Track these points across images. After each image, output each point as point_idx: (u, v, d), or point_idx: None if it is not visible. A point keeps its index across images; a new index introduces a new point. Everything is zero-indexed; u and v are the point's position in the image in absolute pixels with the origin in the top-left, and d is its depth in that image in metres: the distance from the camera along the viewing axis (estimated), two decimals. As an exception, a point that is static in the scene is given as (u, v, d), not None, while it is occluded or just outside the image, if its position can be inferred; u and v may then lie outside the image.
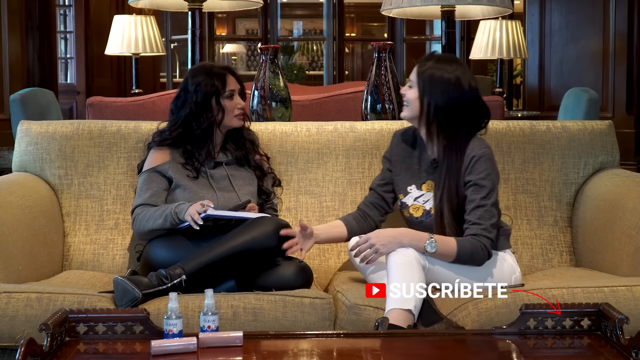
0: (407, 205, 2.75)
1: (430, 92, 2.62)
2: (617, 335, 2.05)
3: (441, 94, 2.61)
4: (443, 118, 2.62)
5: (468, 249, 2.53)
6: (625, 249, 2.70)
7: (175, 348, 2.01)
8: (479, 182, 2.58)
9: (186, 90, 2.89)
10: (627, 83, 6.95)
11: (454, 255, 2.53)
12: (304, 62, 12.04)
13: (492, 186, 2.60)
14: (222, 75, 2.89)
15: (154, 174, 2.84)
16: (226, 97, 2.88)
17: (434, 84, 2.62)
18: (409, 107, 2.68)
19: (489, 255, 2.56)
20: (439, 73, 2.62)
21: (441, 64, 2.64)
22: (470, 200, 2.58)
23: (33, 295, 2.39)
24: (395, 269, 2.44)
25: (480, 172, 2.59)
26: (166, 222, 2.69)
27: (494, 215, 2.59)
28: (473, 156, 2.61)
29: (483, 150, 2.62)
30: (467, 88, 2.62)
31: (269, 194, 2.97)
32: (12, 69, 6.11)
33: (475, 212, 2.56)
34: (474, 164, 2.60)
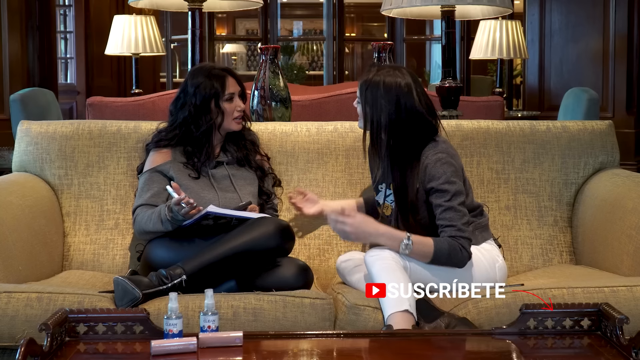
0: (379, 204, 2.77)
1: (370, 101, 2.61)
2: (617, 335, 2.05)
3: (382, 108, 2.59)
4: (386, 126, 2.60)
5: (445, 249, 2.51)
6: (625, 249, 2.70)
7: (175, 348, 2.01)
8: (440, 188, 2.56)
9: (185, 91, 2.89)
10: (627, 83, 6.95)
11: (431, 256, 2.52)
12: (304, 62, 12.05)
13: (455, 188, 2.57)
14: (221, 77, 2.88)
15: (155, 174, 2.84)
16: (225, 100, 2.87)
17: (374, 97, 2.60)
18: (360, 119, 2.69)
19: (469, 256, 2.54)
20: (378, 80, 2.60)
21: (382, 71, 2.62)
22: (436, 205, 2.57)
23: (33, 295, 2.39)
24: (379, 275, 2.44)
25: (438, 177, 2.57)
26: (167, 225, 2.68)
27: (464, 214, 2.57)
28: (427, 165, 2.59)
29: (436, 156, 2.59)
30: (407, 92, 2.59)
31: (269, 194, 2.97)
32: (12, 69, 6.11)
33: (445, 215, 2.55)
34: (429, 170, 2.58)
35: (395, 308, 2.36)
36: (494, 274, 2.63)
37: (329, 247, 3.06)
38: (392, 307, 2.37)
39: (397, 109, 2.59)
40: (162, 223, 2.68)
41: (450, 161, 2.61)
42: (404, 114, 2.59)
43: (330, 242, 3.06)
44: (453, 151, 2.67)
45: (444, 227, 2.54)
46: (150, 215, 2.72)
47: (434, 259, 2.52)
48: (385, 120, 2.60)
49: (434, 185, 2.57)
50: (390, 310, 2.36)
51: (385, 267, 2.45)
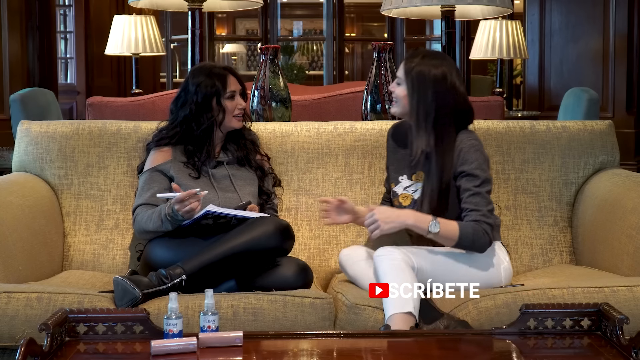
0: (397, 194, 2.78)
1: (418, 89, 2.65)
2: (617, 335, 2.05)
3: (429, 91, 2.64)
4: (431, 113, 2.64)
5: (470, 232, 2.54)
6: (625, 249, 2.70)
7: (175, 348, 2.01)
8: (471, 172, 2.61)
9: (186, 90, 2.89)
10: (627, 83, 6.95)
11: (456, 238, 2.54)
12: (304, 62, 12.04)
13: (485, 176, 2.63)
14: (223, 75, 2.88)
15: (155, 174, 2.84)
16: (227, 98, 2.88)
17: (422, 81, 2.64)
18: (398, 103, 2.71)
19: (490, 242, 2.57)
20: (426, 69, 2.65)
21: (428, 60, 2.67)
22: (464, 189, 2.60)
23: (33, 295, 2.39)
24: (387, 273, 2.44)
25: (471, 162, 2.62)
26: (167, 225, 2.69)
27: (490, 202, 2.61)
28: (462, 148, 2.64)
29: (471, 142, 2.66)
30: (453, 84, 2.66)
31: (269, 194, 2.97)
32: (12, 69, 6.11)
33: (472, 200, 2.58)
34: (464, 155, 2.63)
35: (397, 309, 2.36)
36: (498, 275, 2.64)
37: (329, 247, 3.06)
38: (395, 308, 2.36)
39: (442, 96, 2.64)
40: (162, 223, 2.68)
41: (483, 150, 2.69)
42: (448, 99, 2.65)
43: (330, 242, 3.06)
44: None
45: (469, 211, 2.57)
46: (150, 215, 2.72)
47: (459, 243, 2.55)
48: (430, 106, 2.64)
49: (465, 169, 2.61)
50: (393, 311, 2.36)
51: (393, 266, 2.45)
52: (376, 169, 3.11)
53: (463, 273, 2.58)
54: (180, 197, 2.61)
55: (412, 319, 2.35)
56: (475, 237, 2.54)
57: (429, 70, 2.65)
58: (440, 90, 2.64)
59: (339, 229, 3.07)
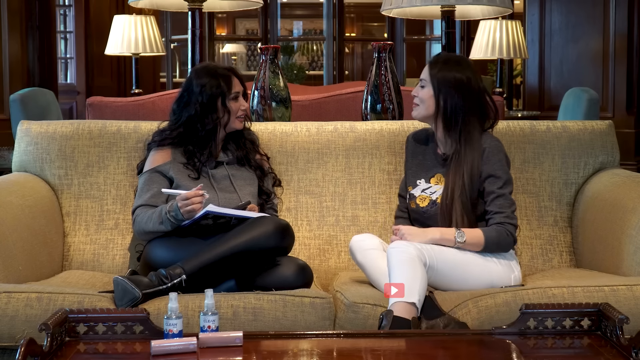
0: (414, 197, 2.82)
1: (445, 91, 2.74)
2: (617, 335, 2.05)
3: (455, 93, 2.73)
4: (457, 115, 2.73)
5: (494, 236, 2.64)
6: (625, 249, 2.70)
7: (175, 348, 2.01)
8: (494, 174, 2.70)
9: (190, 90, 2.88)
10: (627, 83, 6.95)
11: (482, 244, 2.63)
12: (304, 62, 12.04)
13: (507, 177, 2.73)
14: (227, 76, 2.89)
15: (155, 175, 2.84)
16: (231, 99, 2.88)
17: (448, 84, 2.73)
18: (421, 105, 2.78)
19: (514, 241, 2.68)
20: (452, 73, 2.74)
21: (452, 64, 2.76)
22: (488, 192, 2.70)
23: (33, 295, 2.39)
24: (398, 266, 2.45)
25: (494, 163, 2.71)
26: (166, 225, 2.69)
27: (513, 203, 2.71)
28: (485, 148, 2.73)
29: (495, 143, 2.75)
30: (477, 87, 2.76)
31: (269, 194, 2.97)
32: (12, 69, 6.11)
33: (496, 202, 2.68)
34: (487, 155, 2.72)
35: (402, 298, 2.37)
36: (508, 283, 2.66)
37: (329, 247, 3.06)
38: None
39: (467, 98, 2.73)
40: (162, 223, 2.68)
41: (504, 151, 2.78)
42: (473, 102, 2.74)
43: (331, 242, 3.06)
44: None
45: (493, 214, 2.68)
46: (150, 216, 2.72)
47: (485, 247, 2.64)
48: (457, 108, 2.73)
49: (488, 170, 2.70)
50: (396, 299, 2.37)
51: (404, 260, 2.46)
52: (376, 169, 3.11)
53: (474, 276, 2.61)
54: (185, 194, 2.61)
55: (414, 309, 2.36)
56: (501, 239, 2.64)
57: (454, 73, 2.74)
58: (465, 93, 2.73)
59: (339, 229, 3.07)
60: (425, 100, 2.77)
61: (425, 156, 2.87)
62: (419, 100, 2.79)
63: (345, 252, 3.02)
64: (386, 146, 3.13)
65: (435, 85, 2.75)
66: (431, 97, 2.75)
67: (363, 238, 2.77)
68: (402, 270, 2.44)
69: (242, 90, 2.92)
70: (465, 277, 2.60)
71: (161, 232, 2.72)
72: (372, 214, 3.07)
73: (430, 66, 2.78)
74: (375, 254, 2.69)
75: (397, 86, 3.44)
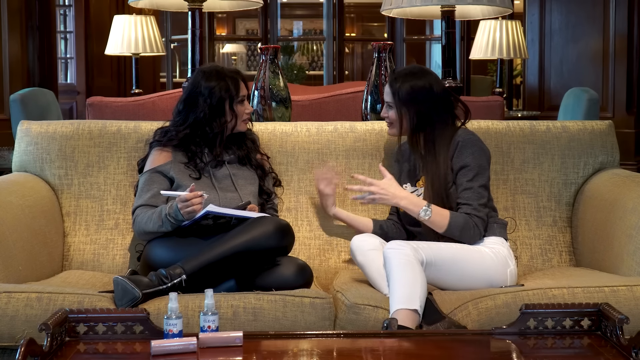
0: None
1: (410, 105, 2.80)
2: (617, 335, 2.05)
3: (420, 103, 2.79)
4: (428, 121, 2.80)
5: (460, 223, 2.67)
6: (625, 249, 2.70)
7: (175, 348, 2.01)
8: (464, 165, 2.74)
9: (198, 92, 2.87)
10: (627, 83, 6.95)
11: (445, 226, 2.67)
12: (304, 62, 12.04)
13: (478, 169, 2.74)
14: (235, 79, 2.89)
15: (155, 175, 2.84)
16: (239, 102, 2.88)
17: (410, 97, 2.80)
18: (395, 125, 2.85)
19: (480, 234, 2.70)
20: (411, 85, 2.80)
21: (409, 77, 2.82)
22: (458, 185, 2.74)
23: (33, 295, 2.39)
24: (397, 269, 2.45)
25: (466, 156, 2.75)
26: (167, 226, 2.69)
27: (482, 197, 2.73)
28: (458, 142, 2.77)
29: (468, 137, 2.78)
30: (440, 91, 2.82)
31: (269, 194, 2.97)
32: (12, 69, 6.11)
33: (464, 194, 2.72)
34: (459, 149, 2.75)
35: (404, 304, 2.37)
36: (504, 276, 2.67)
37: (329, 247, 3.06)
38: (401, 303, 2.38)
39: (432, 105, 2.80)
40: (162, 223, 2.68)
41: (481, 145, 2.81)
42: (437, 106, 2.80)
43: (331, 242, 3.06)
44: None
45: (461, 205, 2.72)
46: (150, 216, 2.72)
47: (448, 230, 2.68)
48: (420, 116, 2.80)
49: (459, 163, 2.75)
50: (399, 306, 2.37)
51: (403, 262, 2.46)
52: (376, 169, 3.11)
53: (470, 271, 2.62)
54: (185, 196, 2.61)
55: (417, 317, 2.36)
56: (465, 228, 2.67)
57: (414, 83, 2.80)
58: (429, 99, 2.79)
59: (339, 230, 3.07)
60: (394, 120, 2.84)
61: (411, 163, 2.92)
62: (389, 120, 2.86)
63: (346, 252, 3.02)
64: (386, 146, 3.13)
65: (400, 102, 2.80)
66: (397, 117, 2.82)
67: (364, 238, 2.77)
68: (402, 275, 2.43)
69: (247, 93, 2.94)
70: (462, 272, 2.61)
71: (161, 233, 2.72)
72: (371, 215, 3.07)
73: (390, 86, 2.84)
74: (375, 254, 2.69)
75: (397, 86, 3.43)
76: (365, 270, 2.71)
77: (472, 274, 2.62)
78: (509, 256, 2.72)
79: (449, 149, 2.76)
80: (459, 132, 2.81)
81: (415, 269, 2.45)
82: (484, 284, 2.62)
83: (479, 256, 2.65)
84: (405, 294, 2.39)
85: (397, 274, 2.44)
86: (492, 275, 2.64)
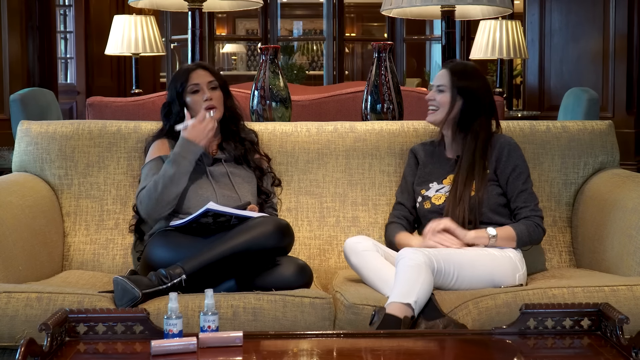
0: (428, 197, 2.88)
1: (463, 98, 2.85)
2: (617, 335, 2.05)
3: (471, 100, 2.86)
4: (470, 120, 2.85)
5: (524, 229, 2.75)
6: (625, 249, 2.70)
7: (175, 348, 2.01)
8: (517, 170, 2.82)
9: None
10: (627, 83, 6.95)
11: (515, 237, 2.74)
12: (304, 62, 12.04)
13: (527, 172, 2.85)
14: (187, 71, 2.96)
15: (159, 162, 2.87)
16: (190, 92, 2.91)
17: (466, 91, 2.85)
18: (440, 110, 2.88)
19: (544, 231, 2.80)
20: (470, 82, 2.87)
21: (469, 73, 2.90)
22: (512, 188, 2.81)
23: (33, 295, 2.39)
24: (402, 271, 2.46)
25: (515, 159, 2.83)
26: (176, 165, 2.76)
27: (536, 198, 2.83)
28: (504, 148, 2.83)
29: (513, 141, 2.88)
30: (490, 95, 2.92)
31: (268, 193, 2.97)
32: (12, 69, 6.11)
33: (520, 197, 2.80)
34: (508, 153, 2.83)
35: (398, 298, 2.38)
36: (513, 280, 2.69)
37: (329, 247, 3.06)
38: (396, 297, 2.38)
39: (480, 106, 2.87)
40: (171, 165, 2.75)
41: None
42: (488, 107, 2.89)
43: (331, 242, 3.06)
44: None
45: (519, 209, 2.80)
46: (155, 180, 2.76)
47: (519, 243, 2.75)
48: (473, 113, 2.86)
49: (510, 167, 2.82)
50: (392, 299, 2.38)
51: (411, 265, 2.47)
52: (376, 169, 3.11)
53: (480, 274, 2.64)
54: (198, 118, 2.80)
55: (409, 310, 2.36)
56: (531, 231, 2.76)
57: (473, 82, 2.87)
58: (480, 100, 2.86)
59: (340, 230, 3.07)
60: (443, 104, 2.86)
61: (436, 163, 2.94)
62: (436, 104, 2.88)
63: (345, 252, 3.02)
64: (386, 147, 3.13)
65: (455, 91, 2.85)
66: (448, 103, 2.85)
67: (358, 240, 2.76)
68: (405, 275, 2.44)
69: (206, 82, 2.94)
70: (472, 275, 2.62)
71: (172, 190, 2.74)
72: (372, 215, 3.07)
73: (451, 73, 2.88)
74: (370, 255, 2.69)
75: (397, 86, 3.44)
76: (361, 271, 2.70)
77: (482, 276, 2.63)
78: (520, 260, 2.74)
79: (491, 153, 2.83)
80: (498, 137, 2.87)
81: (421, 271, 2.45)
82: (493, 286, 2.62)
83: (489, 259, 2.66)
84: (403, 290, 2.39)
85: (401, 274, 2.45)
86: (502, 278, 2.65)
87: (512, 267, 2.68)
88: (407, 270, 2.45)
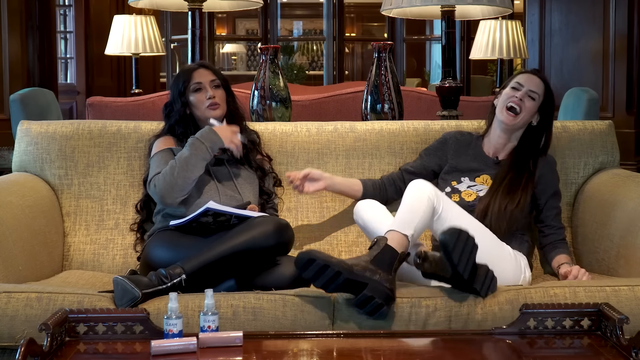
0: (459, 191, 2.89)
1: (545, 109, 2.90)
2: (617, 335, 2.05)
3: (548, 113, 2.91)
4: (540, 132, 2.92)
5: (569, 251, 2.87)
6: (626, 249, 2.70)
7: (175, 348, 2.01)
8: (557, 190, 2.92)
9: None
10: (627, 83, 6.95)
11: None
12: (304, 62, 12.05)
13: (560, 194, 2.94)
14: (189, 70, 2.97)
15: (169, 153, 2.88)
16: (192, 91, 2.91)
17: (549, 103, 2.91)
18: (526, 115, 2.88)
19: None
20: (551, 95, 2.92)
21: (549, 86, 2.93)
22: (553, 207, 2.89)
23: (33, 295, 2.38)
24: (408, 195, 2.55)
25: (556, 180, 2.92)
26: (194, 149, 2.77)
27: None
28: (549, 166, 2.90)
29: (553, 160, 2.94)
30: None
31: (270, 194, 2.98)
32: (12, 69, 6.11)
33: (558, 218, 2.90)
34: (551, 173, 2.90)
35: (398, 227, 2.45)
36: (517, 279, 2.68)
37: (329, 247, 3.06)
38: (397, 225, 2.46)
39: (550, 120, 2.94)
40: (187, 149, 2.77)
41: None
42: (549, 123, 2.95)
43: (331, 242, 3.06)
44: None
45: (557, 229, 2.88)
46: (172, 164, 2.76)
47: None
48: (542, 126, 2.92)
49: (555, 187, 2.91)
50: (393, 227, 2.45)
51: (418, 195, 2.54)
52: (376, 169, 3.11)
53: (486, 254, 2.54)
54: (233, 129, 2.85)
55: (406, 244, 2.43)
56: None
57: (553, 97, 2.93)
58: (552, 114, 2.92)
59: (340, 230, 3.07)
60: (530, 112, 2.88)
61: (471, 157, 2.94)
62: (524, 109, 2.86)
63: (346, 252, 3.02)
64: (386, 146, 3.13)
65: (544, 101, 2.89)
66: (534, 112, 2.89)
67: (367, 202, 2.82)
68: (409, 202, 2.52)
69: (208, 80, 2.95)
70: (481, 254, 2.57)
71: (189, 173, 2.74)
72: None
73: (545, 85, 2.90)
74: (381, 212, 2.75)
75: (397, 86, 3.44)
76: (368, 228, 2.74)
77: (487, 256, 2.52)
78: (526, 266, 2.75)
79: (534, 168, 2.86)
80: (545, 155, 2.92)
81: (423, 202, 2.52)
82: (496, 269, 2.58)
83: (498, 245, 2.68)
84: (404, 219, 2.48)
85: (405, 200, 2.53)
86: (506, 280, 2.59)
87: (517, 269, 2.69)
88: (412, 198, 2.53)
